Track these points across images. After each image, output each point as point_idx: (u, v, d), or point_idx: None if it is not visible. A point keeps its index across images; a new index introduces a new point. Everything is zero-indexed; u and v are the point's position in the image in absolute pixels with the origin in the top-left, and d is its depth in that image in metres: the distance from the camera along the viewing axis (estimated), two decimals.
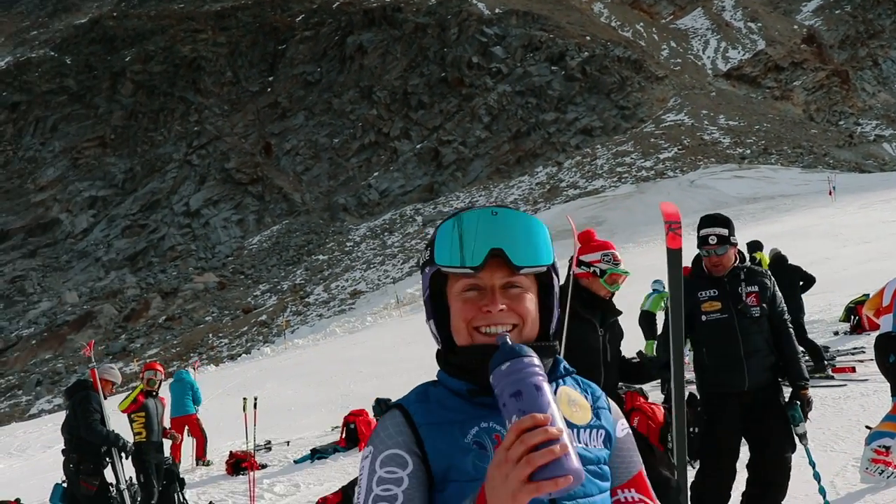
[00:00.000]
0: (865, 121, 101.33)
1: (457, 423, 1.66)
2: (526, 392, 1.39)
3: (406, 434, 1.65)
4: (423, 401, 1.73)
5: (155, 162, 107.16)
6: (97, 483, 7.79)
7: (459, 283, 1.72)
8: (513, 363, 1.44)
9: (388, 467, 1.62)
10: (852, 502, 5.72)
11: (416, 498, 1.61)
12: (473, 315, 1.69)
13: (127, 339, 69.88)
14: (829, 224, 33.90)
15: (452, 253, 1.69)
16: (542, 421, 1.33)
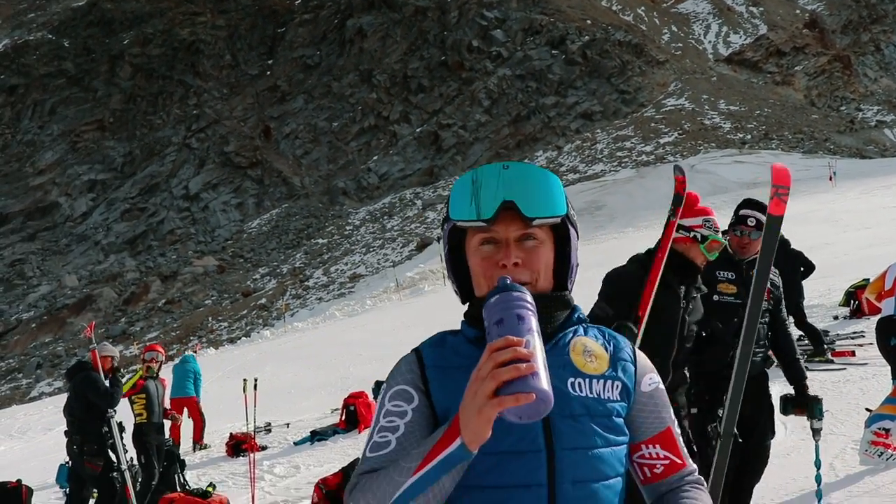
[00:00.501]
0: (867, 106, 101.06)
1: (462, 368, 1.65)
2: (507, 319, 1.44)
3: (415, 373, 1.74)
4: (439, 346, 1.80)
5: (154, 145, 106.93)
6: (101, 463, 7.82)
7: (476, 238, 1.76)
8: (501, 296, 1.50)
9: (395, 401, 1.71)
10: (851, 484, 5.74)
11: (417, 430, 1.67)
12: (492, 272, 1.73)
13: (127, 323, 69.95)
14: (829, 209, 33.86)
15: (466, 207, 1.73)
16: (514, 342, 1.38)
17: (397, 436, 1.67)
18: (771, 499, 5.70)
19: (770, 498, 5.70)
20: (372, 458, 1.67)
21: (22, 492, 10.33)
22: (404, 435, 1.67)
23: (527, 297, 1.51)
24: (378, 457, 1.66)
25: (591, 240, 45.05)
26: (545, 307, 1.74)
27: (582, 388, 1.72)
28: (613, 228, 48.81)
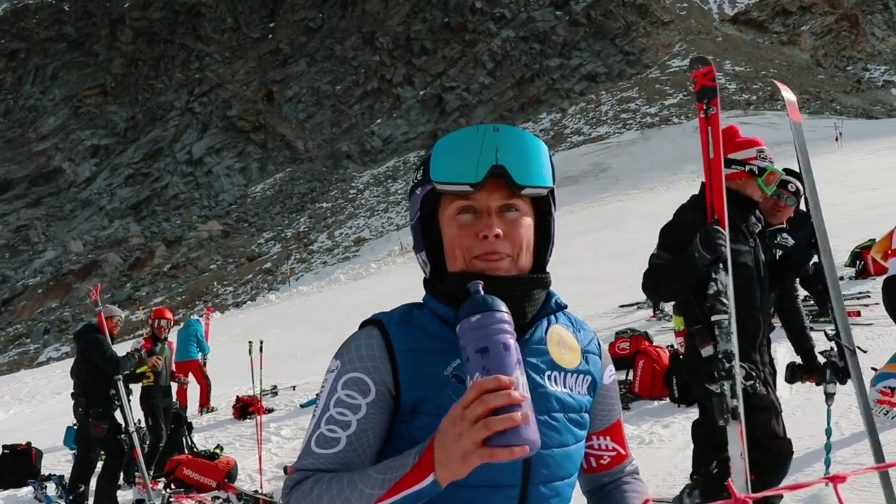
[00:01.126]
0: (874, 66, 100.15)
1: (438, 353, 1.56)
2: (493, 350, 1.30)
3: (378, 360, 1.55)
4: (406, 323, 1.61)
5: (156, 110, 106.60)
6: (106, 426, 7.87)
7: (453, 206, 1.60)
8: (483, 316, 1.34)
9: (349, 390, 1.53)
10: (857, 442, 5.75)
11: (371, 429, 1.52)
12: (470, 243, 1.58)
13: (132, 288, 70.18)
14: (835, 170, 33.68)
15: (450, 169, 1.56)
16: (505, 384, 1.25)
17: (348, 434, 1.51)
18: None
19: None
20: (319, 454, 1.51)
21: (32, 454, 10.43)
22: (355, 434, 1.51)
23: (508, 319, 1.36)
24: (325, 456, 1.50)
25: (595, 202, 44.97)
26: (524, 289, 1.60)
27: (557, 383, 1.62)
28: (617, 190, 48.66)
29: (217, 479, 8.45)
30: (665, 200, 37.39)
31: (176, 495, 8.25)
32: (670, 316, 14.42)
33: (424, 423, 1.52)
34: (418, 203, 1.66)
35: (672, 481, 5.73)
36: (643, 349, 9.28)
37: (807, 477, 5.27)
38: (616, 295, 17.57)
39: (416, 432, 1.52)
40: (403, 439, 1.54)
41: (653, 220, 21.93)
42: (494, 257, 1.57)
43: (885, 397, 6.02)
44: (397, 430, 1.56)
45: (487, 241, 1.56)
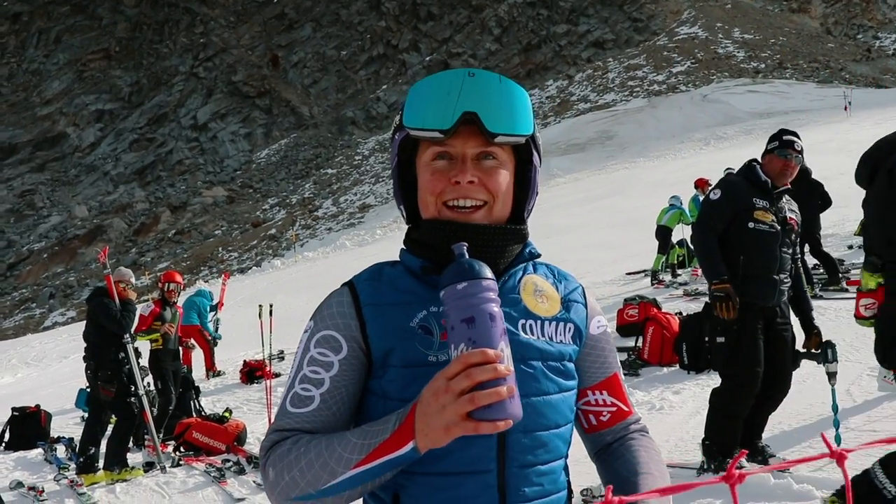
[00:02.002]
0: (884, 34, 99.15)
1: (403, 305, 1.54)
2: (479, 320, 1.27)
3: (348, 316, 1.54)
4: (375, 279, 1.60)
5: (161, 75, 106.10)
6: (114, 389, 7.89)
7: (429, 152, 1.56)
8: (470, 285, 1.29)
9: (321, 348, 1.53)
10: (869, 409, 5.74)
11: (345, 386, 1.52)
12: (442, 188, 1.54)
13: (137, 253, 70.29)
14: (843, 139, 33.50)
15: (422, 114, 1.52)
16: (491, 358, 1.24)
17: (321, 391, 1.50)
18: (789, 424, 5.72)
19: (788, 423, 5.72)
20: (294, 414, 1.50)
21: (41, 416, 10.48)
22: (329, 391, 1.50)
23: (494, 287, 1.32)
24: (300, 414, 1.50)
25: (601, 169, 44.83)
26: (500, 240, 1.57)
27: (534, 331, 1.57)
28: (624, 158, 48.46)
29: (226, 443, 8.48)
30: (672, 168, 37.28)
31: (186, 458, 8.29)
32: (677, 284, 14.41)
33: (393, 375, 1.50)
34: (396, 149, 1.63)
35: (684, 447, 5.73)
36: (652, 316, 9.26)
37: (818, 443, 5.27)
38: (623, 262, 17.55)
39: (387, 385, 1.51)
40: (376, 395, 1.53)
41: (659, 188, 22.10)
42: (468, 203, 1.54)
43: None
44: (370, 386, 1.54)
45: (460, 186, 1.53)
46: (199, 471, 7.79)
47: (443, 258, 1.51)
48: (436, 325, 1.51)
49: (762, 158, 5.19)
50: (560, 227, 23.11)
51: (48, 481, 8.15)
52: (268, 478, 1.46)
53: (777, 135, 5.21)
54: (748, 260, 4.89)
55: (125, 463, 7.99)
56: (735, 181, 5.17)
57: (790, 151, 5.03)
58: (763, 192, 5.03)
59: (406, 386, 1.48)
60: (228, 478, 7.37)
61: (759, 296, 4.90)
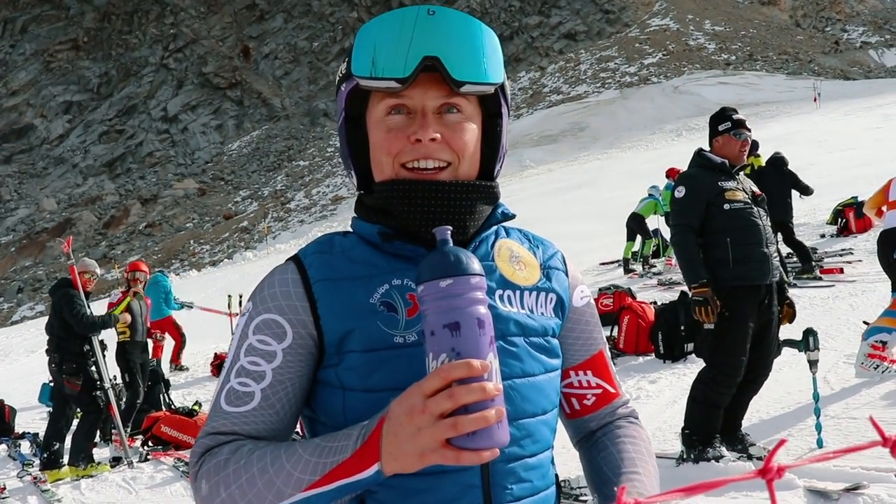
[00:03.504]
0: (852, 27, 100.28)
1: (361, 279, 1.31)
2: (465, 326, 1.05)
3: (293, 296, 1.30)
4: (325, 251, 1.36)
5: (130, 66, 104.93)
6: (80, 382, 7.70)
7: (382, 105, 1.32)
8: (456, 282, 1.07)
9: (261, 335, 1.28)
10: (847, 397, 5.70)
11: (290, 380, 1.28)
12: (400, 147, 1.30)
13: (107, 246, 69.54)
14: (813, 130, 33.79)
15: (374, 61, 1.28)
16: (478, 372, 1.03)
17: (262, 387, 1.26)
18: (767, 412, 5.67)
19: (766, 411, 5.67)
20: (230, 413, 1.25)
21: (5, 411, 10.26)
22: (271, 386, 1.26)
23: (483, 285, 1.11)
24: (238, 415, 1.25)
25: (574, 161, 44.86)
26: (467, 198, 1.33)
27: (513, 303, 1.35)
28: (597, 149, 48.58)
29: (195, 436, 8.33)
30: (644, 160, 37.36)
31: (154, 452, 8.12)
32: (651, 274, 14.40)
33: (353, 362, 1.26)
34: (342, 103, 1.39)
35: (661, 436, 5.66)
36: (628, 305, 9.20)
37: (799, 431, 5.22)
38: (596, 253, 17.52)
39: (345, 375, 1.27)
40: (331, 386, 1.29)
41: (631, 178, 22.07)
42: (429, 165, 1.31)
43: (877, 351, 5.95)
44: (323, 376, 1.30)
45: (420, 145, 1.29)
46: (167, 465, 7.62)
47: (403, 224, 1.31)
48: (400, 301, 1.28)
49: (714, 141, 5.14)
50: (533, 218, 23.04)
51: (11, 478, 7.96)
52: (200, 491, 1.21)
53: (723, 114, 5.15)
54: (736, 239, 4.82)
55: (91, 458, 7.81)
56: (694, 173, 5.11)
57: (742, 130, 5.03)
58: (724, 173, 5.00)
59: (369, 373, 1.25)
60: None
61: (753, 276, 4.82)
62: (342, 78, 1.40)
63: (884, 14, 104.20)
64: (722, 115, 5.15)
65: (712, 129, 5.17)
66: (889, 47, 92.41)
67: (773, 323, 4.95)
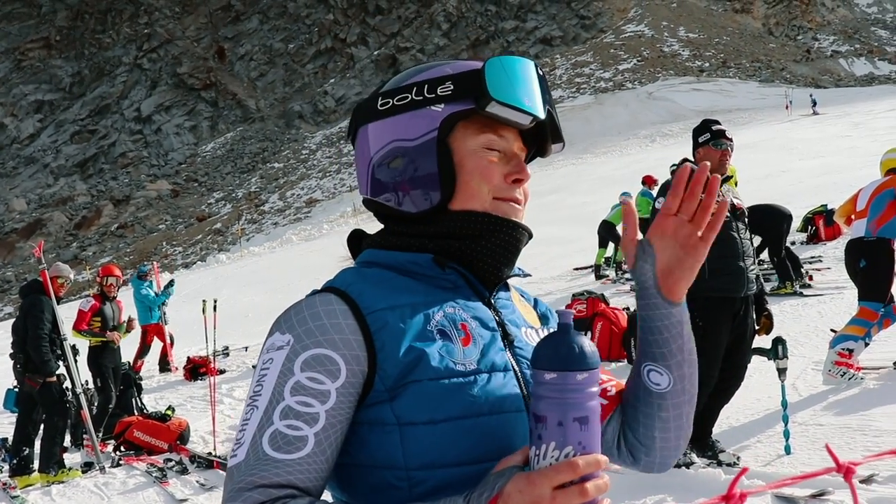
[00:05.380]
0: (823, 36, 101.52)
1: (418, 307, 1.25)
2: (592, 421, 1.06)
3: (346, 329, 1.19)
4: (366, 282, 1.27)
5: (104, 65, 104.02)
6: (41, 380, 7.63)
7: (483, 138, 1.31)
8: (591, 375, 1.06)
9: (312, 372, 1.16)
10: (815, 404, 5.78)
11: (340, 423, 1.17)
12: (498, 182, 1.31)
13: (78, 248, 68.88)
14: (785, 138, 34.18)
15: (517, 92, 1.29)
16: (601, 465, 1.04)
17: (315, 430, 1.14)
18: (737, 418, 5.74)
19: (736, 418, 5.74)
20: (280, 462, 1.12)
21: None
22: (324, 430, 1.15)
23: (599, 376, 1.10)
24: (291, 463, 1.12)
25: (548, 165, 45.02)
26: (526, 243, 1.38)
27: (533, 341, 1.35)
28: (571, 154, 48.80)
29: (169, 441, 8.27)
30: (618, 165, 37.62)
31: (126, 458, 8.07)
32: (624, 279, 14.49)
33: (417, 393, 1.17)
34: (438, 122, 1.30)
35: None
36: (601, 311, 9.27)
37: (768, 438, 5.30)
38: (570, 258, 17.61)
39: (406, 409, 1.17)
40: (385, 424, 1.18)
41: (605, 184, 22.03)
42: (520, 206, 1.35)
43: (843, 359, 6.05)
44: (371, 416, 1.19)
45: (517, 185, 1.33)
46: (139, 471, 7.58)
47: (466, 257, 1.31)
48: (453, 329, 1.24)
49: (696, 152, 5.20)
50: None
51: None
52: None
53: (704, 126, 5.20)
54: (712, 251, 4.85)
55: (62, 464, 7.74)
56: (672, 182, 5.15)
57: (723, 140, 5.09)
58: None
59: (439, 404, 1.17)
60: (170, 478, 7.18)
61: (729, 288, 4.88)
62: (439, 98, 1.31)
63: (853, 24, 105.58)
64: (703, 127, 5.21)
65: (694, 141, 5.23)
66: (858, 56, 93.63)
67: (747, 335, 5.03)
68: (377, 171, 1.34)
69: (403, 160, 1.32)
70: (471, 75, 1.31)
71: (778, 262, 11.02)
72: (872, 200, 6.54)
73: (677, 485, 4.53)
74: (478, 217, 1.30)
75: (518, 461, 1.08)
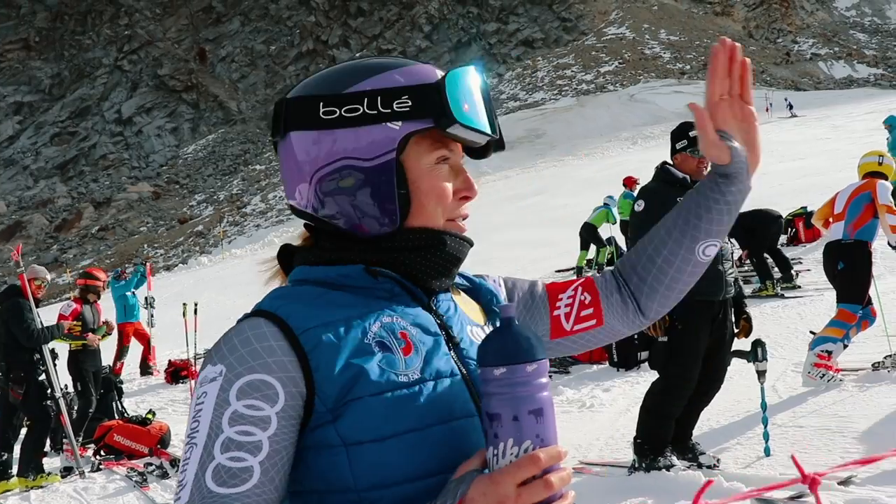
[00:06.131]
0: (803, 39, 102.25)
1: (352, 320, 1.16)
2: (546, 412, 1.03)
3: (279, 350, 1.11)
4: (295, 301, 1.19)
5: (84, 67, 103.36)
6: (22, 391, 7.58)
7: (435, 154, 1.23)
8: (540, 366, 1.03)
9: (248, 399, 1.08)
10: (794, 406, 5.83)
11: (285, 449, 1.09)
12: (450, 200, 1.25)
13: (59, 250, 68.42)
14: (765, 140, 33.95)
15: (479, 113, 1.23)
16: (561, 457, 1.01)
17: (260, 459, 1.06)
18: (717, 420, 5.77)
19: (716, 420, 5.77)
20: (225, 497, 1.03)
21: None
22: (269, 458, 1.07)
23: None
24: (236, 497, 1.04)
25: (530, 168, 45.13)
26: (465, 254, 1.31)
27: (479, 336, 1.28)
28: (553, 157, 48.93)
29: (149, 445, 8.23)
30: (599, 167, 37.72)
31: (106, 462, 8.03)
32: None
33: (360, 411, 1.10)
34: (396, 142, 1.20)
35: (614, 445, 5.73)
36: None
37: (748, 440, 5.33)
38: (552, 260, 17.66)
39: (350, 429, 1.10)
40: (330, 447, 1.11)
41: (587, 186, 22.14)
42: (466, 219, 1.30)
43: (822, 361, 6.10)
44: (314, 439, 1.12)
45: (466, 201, 1.28)
46: (119, 475, 7.54)
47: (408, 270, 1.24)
48: (393, 339, 1.16)
49: (673, 158, 5.19)
50: (489, 224, 23.16)
51: None
52: None
53: (682, 131, 5.16)
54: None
55: (41, 468, 7.68)
56: (655, 187, 5.15)
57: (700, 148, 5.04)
58: (684, 189, 5.02)
59: (384, 420, 1.10)
60: (151, 482, 7.15)
61: (707, 291, 4.86)
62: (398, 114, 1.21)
63: (832, 27, 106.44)
64: (680, 132, 5.18)
65: (672, 146, 5.22)
66: (837, 59, 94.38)
67: (727, 337, 5.05)
68: (323, 185, 1.24)
69: (356, 180, 1.22)
70: (429, 91, 1.21)
71: (757, 263, 11.09)
72: (850, 203, 6.60)
73: (658, 487, 4.55)
74: (428, 232, 1.24)
75: (477, 465, 1.04)
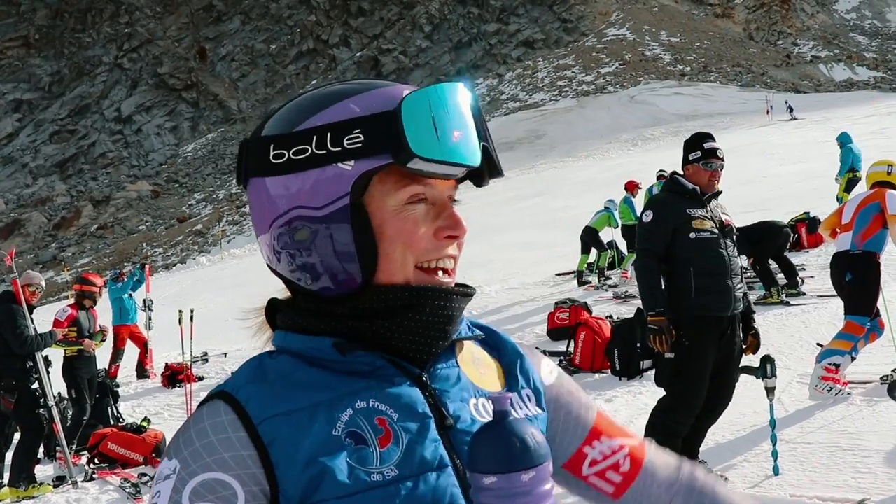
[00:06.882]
0: (803, 41, 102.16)
1: (319, 408, 0.99)
2: None
3: (237, 443, 0.96)
4: (260, 381, 1.02)
5: (83, 65, 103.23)
6: (13, 400, 7.46)
7: (405, 192, 1.02)
8: (539, 472, 0.87)
9: (204, 502, 0.93)
10: (802, 420, 5.72)
11: None
12: (426, 245, 1.04)
13: (57, 248, 68.28)
14: (765, 143, 34.28)
15: (448, 140, 1.00)
16: None
17: None
18: (723, 435, 5.65)
19: (722, 435, 5.65)
20: None
21: None
22: None
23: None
24: None
25: (530, 169, 45.00)
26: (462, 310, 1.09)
27: (487, 412, 1.08)
28: (553, 158, 48.81)
29: (144, 454, 8.11)
30: (600, 168, 37.61)
31: (100, 471, 7.89)
32: (606, 286, 14.42)
33: None
34: (349, 185, 1.00)
35: None
36: (584, 320, 9.17)
37: (755, 456, 5.21)
38: (552, 263, 17.50)
39: None
40: None
41: (587, 188, 22.00)
42: (450, 265, 1.07)
43: (830, 374, 5.98)
44: None
45: (449, 241, 1.06)
46: (113, 486, 7.41)
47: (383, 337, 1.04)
48: (368, 429, 0.99)
49: (685, 168, 5.07)
50: (488, 226, 23.03)
51: None
52: None
53: (696, 142, 5.03)
54: (699, 269, 4.75)
55: (33, 478, 7.55)
56: (664, 198, 5.06)
57: (713, 161, 4.93)
58: (694, 200, 4.92)
59: None
60: (144, 493, 7.02)
61: (715, 307, 4.76)
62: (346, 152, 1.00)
63: (833, 30, 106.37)
64: (694, 143, 5.05)
65: (684, 156, 5.10)
66: (838, 62, 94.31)
67: (735, 354, 4.93)
68: (279, 240, 1.07)
69: (310, 233, 1.04)
70: (384, 121, 1.00)
71: (762, 270, 10.97)
72: (858, 213, 6.48)
73: None
74: (396, 291, 1.04)
75: None
